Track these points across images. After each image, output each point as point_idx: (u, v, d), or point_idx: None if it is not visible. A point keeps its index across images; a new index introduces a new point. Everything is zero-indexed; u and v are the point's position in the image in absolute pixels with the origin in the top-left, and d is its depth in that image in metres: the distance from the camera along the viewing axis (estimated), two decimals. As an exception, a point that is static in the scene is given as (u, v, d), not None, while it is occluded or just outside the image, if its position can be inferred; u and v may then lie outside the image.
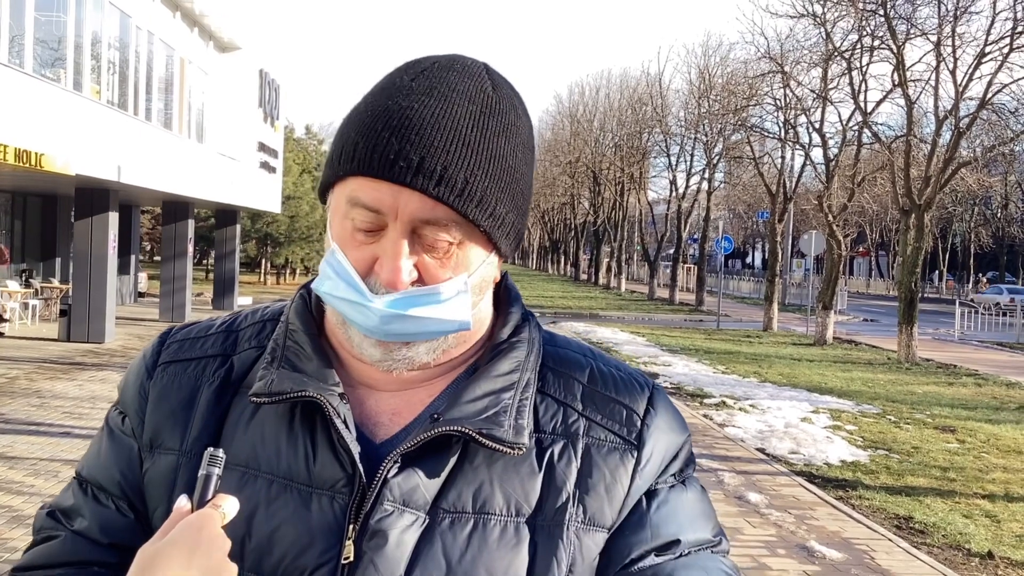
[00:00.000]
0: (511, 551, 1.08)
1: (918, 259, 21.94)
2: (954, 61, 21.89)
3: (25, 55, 15.54)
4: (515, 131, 1.11)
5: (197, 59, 24.66)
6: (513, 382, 1.14)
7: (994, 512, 8.80)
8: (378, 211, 1.06)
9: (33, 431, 10.26)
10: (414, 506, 1.07)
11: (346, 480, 1.08)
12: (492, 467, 1.11)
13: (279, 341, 1.18)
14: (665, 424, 1.19)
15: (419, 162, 1.03)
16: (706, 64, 43.57)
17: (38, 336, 19.70)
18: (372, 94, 1.12)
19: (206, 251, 49.87)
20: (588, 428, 1.15)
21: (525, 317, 1.23)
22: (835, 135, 27.95)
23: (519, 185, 1.12)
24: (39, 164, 14.50)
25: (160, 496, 1.16)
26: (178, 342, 1.25)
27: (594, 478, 1.13)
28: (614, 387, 1.20)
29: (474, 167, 1.06)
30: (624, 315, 35.65)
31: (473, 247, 1.10)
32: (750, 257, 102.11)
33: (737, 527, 7.84)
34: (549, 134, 74.27)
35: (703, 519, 1.19)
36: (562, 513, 1.11)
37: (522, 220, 1.14)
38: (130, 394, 1.23)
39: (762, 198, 44.58)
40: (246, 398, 1.16)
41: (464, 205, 1.05)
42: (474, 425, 1.08)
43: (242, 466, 1.12)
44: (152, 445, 1.18)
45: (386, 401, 1.16)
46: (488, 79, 1.12)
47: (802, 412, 13.61)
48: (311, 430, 1.11)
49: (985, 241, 67.08)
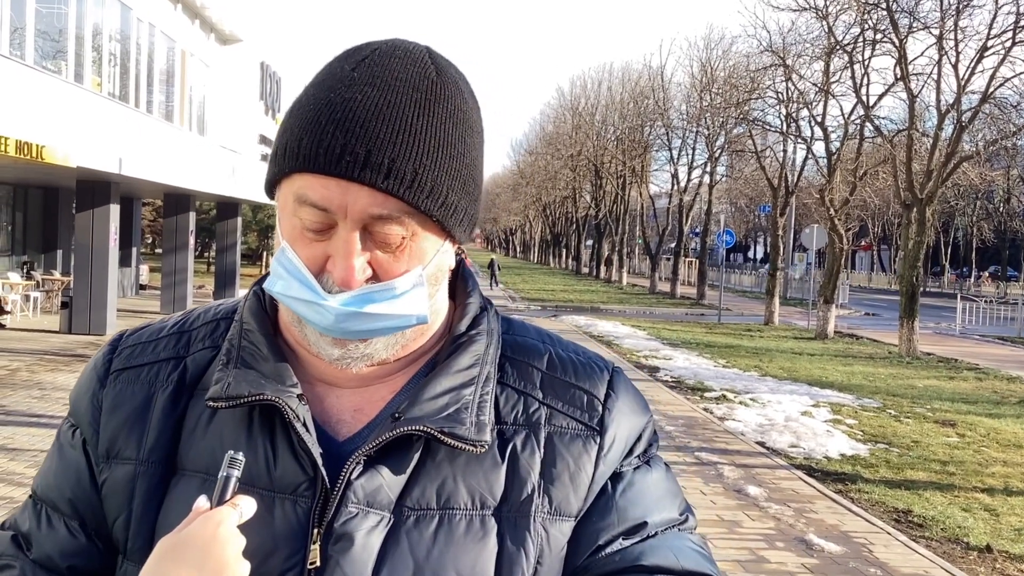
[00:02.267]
0: (478, 544, 1.07)
1: (920, 253, 21.92)
2: (956, 55, 21.86)
3: (26, 47, 15.55)
4: (462, 115, 1.09)
5: (198, 51, 24.65)
6: (473, 377, 1.13)
7: (993, 506, 8.80)
8: (326, 209, 1.04)
9: (34, 423, 10.28)
10: (378, 506, 1.06)
11: (308, 483, 1.07)
12: (455, 462, 1.09)
13: (234, 342, 1.15)
14: (627, 407, 1.18)
15: (366, 156, 1.02)
16: (708, 57, 43.51)
17: (39, 328, 19.71)
18: (313, 85, 1.09)
19: (207, 243, 49.88)
20: (550, 416, 1.14)
21: (483, 307, 1.21)
22: (837, 129, 27.94)
23: (469, 170, 1.10)
24: (40, 156, 14.50)
25: (119, 506, 1.14)
26: (129, 348, 1.21)
27: (558, 467, 1.12)
28: (573, 372, 1.19)
29: (422, 157, 1.04)
30: (625, 309, 35.64)
31: (426, 238, 1.08)
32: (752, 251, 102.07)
33: (736, 520, 7.85)
34: (551, 127, 74.24)
35: (669, 498, 1.18)
36: (528, 504, 1.10)
37: (474, 205, 1.13)
38: (82, 406, 1.20)
39: (764, 192, 44.59)
40: (202, 401, 1.13)
41: (415, 196, 1.04)
42: (436, 424, 1.07)
43: (202, 472, 1.10)
44: (108, 455, 1.16)
45: (347, 398, 1.14)
46: (431, 64, 1.09)
47: (802, 406, 13.61)
48: (271, 433, 1.09)
49: (987, 235, 67.02)
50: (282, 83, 33.07)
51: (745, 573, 6.55)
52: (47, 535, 1.17)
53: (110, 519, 1.15)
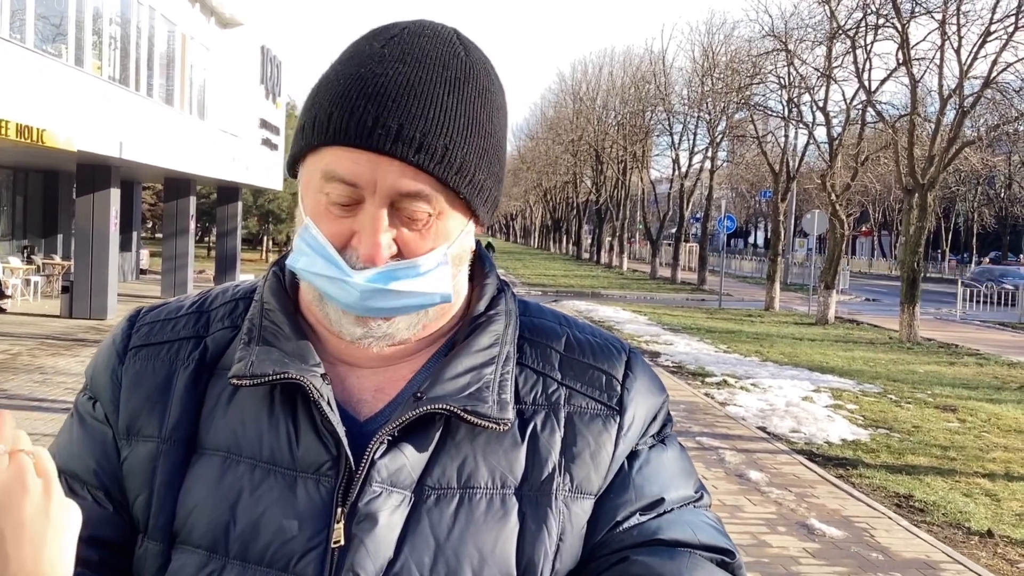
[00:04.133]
0: (499, 523, 1.07)
1: (921, 239, 21.90)
2: (959, 40, 21.78)
3: (27, 30, 15.48)
4: (490, 96, 1.09)
5: (199, 35, 24.56)
6: (493, 356, 1.13)
7: (994, 491, 8.82)
8: (355, 184, 1.03)
9: (36, 407, 10.29)
10: (400, 486, 1.06)
11: (331, 463, 1.06)
12: (475, 441, 1.10)
13: (255, 321, 1.15)
14: (644, 387, 1.20)
15: (398, 130, 1.01)
16: (710, 42, 43.43)
17: (40, 312, 19.72)
18: (341, 62, 1.09)
19: (208, 228, 49.84)
20: (569, 397, 1.15)
21: (500, 288, 1.22)
22: (839, 114, 27.86)
23: (496, 151, 1.10)
24: (41, 140, 14.46)
25: (140, 485, 1.13)
26: (148, 324, 1.21)
27: (579, 446, 1.13)
28: (591, 354, 1.19)
29: (453, 134, 1.04)
30: (626, 294, 35.64)
31: (452, 216, 1.08)
32: (752, 236, 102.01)
33: (738, 505, 7.86)
34: (552, 112, 74.13)
35: (684, 476, 1.19)
36: (549, 483, 1.10)
37: (498, 187, 1.13)
38: (101, 380, 1.19)
39: (765, 177, 44.51)
40: (223, 380, 1.13)
41: (444, 173, 1.04)
42: (458, 402, 1.07)
43: (223, 451, 1.10)
44: (129, 432, 1.15)
45: (368, 378, 1.14)
46: (460, 44, 1.10)
47: (803, 391, 13.63)
48: (293, 412, 1.09)
49: (988, 221, 66.94)
50: (283, 67, 32.95)
51: (747, 557, 6.55)
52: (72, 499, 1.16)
53: (131, 497, 1.14)
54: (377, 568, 1.04)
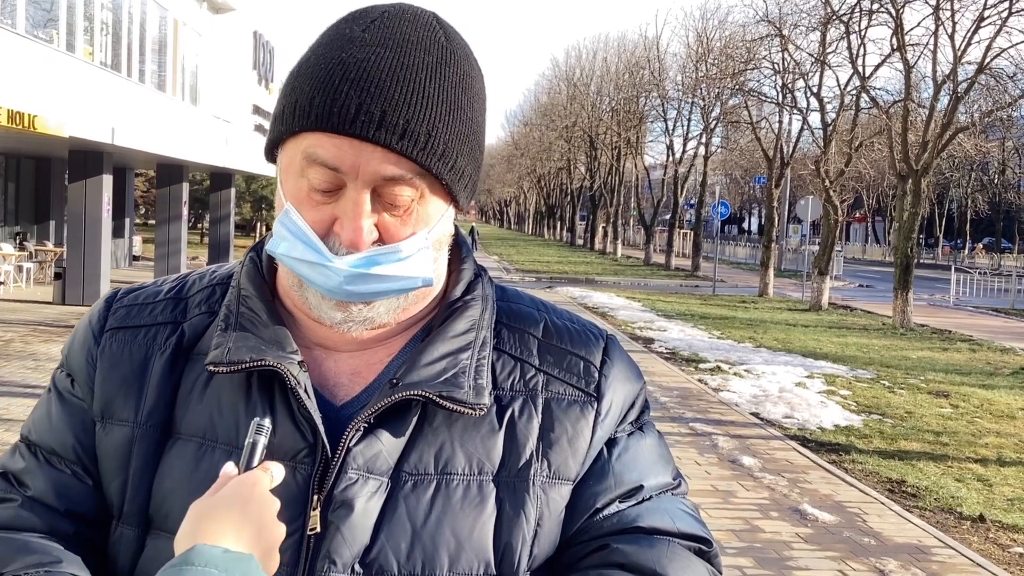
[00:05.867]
0: (476, 509, 1.08)
1: (914, 224, 21.92)
2: (953, 25, 21.76)
3: (17, 15, 15.40)
4: (470, 81, 1.09)
5: (191, 20, 24.45)
6: (470, 342, 1.13)
7: (986, 476, 8.85)
8: (337, 169, 1.03)
9: (28, 393, 10.27)
10: (377, 472, 1.06)
11: (308, 450, 1.06)
12: (452, 427, 1.10)
13: (232, 307, 1.14)
14: (622, 374, 1.20)
15: (381, 116, 1.01)
16: (704, 27, 43.29)
17: (32, 299, 19.67)
18: (321, 45, 1.08)
19: (201, 214, 49.73)
20: (547, 383, 1.15)
21: (477, 273, 1.21)
22: (833, 99, 27.83)
23: (475, 136, 1.10)
24: (32, 126, 14.40)
25: (115, 469, 1.13)
26: (125, 307, 1.20)
27: (556, 432, 1.13)
28: (569, 340, 1.20)
29: (435, 120, 1.04)
30: (620, 280, 35.64)
31: (433, 201, 1.08)
32: (746, 222, 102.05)
33: (730, 490, 7.88)
34: (545, 98, 73.88)
35: (662, 463, 1.20)
36: (527, 469, 1.11)
37: (477, 172, 1.13)
38: (77, 360, 1.19)
39: (759, 163, 44.49)
40: (199, 365, 1.13)
41: (428, 159, 1.04)
42: (434, 388, 1.07)
43: (199, 437, 1.10)
44: (104, 415, 1.15)
45: (344, 362, 1.14)
46: (440, 29, 1.10)
47: (796, 377, 13.65)
48: (270, 399, 1.09)
49: (981, 207, 67.01)
50: (275, 53, 32.84)
51: (739, 542, 6.58)
52: (46, 476, 1.15)
53: (105, 481, 1.14)
54: (354, 554, 1.04)
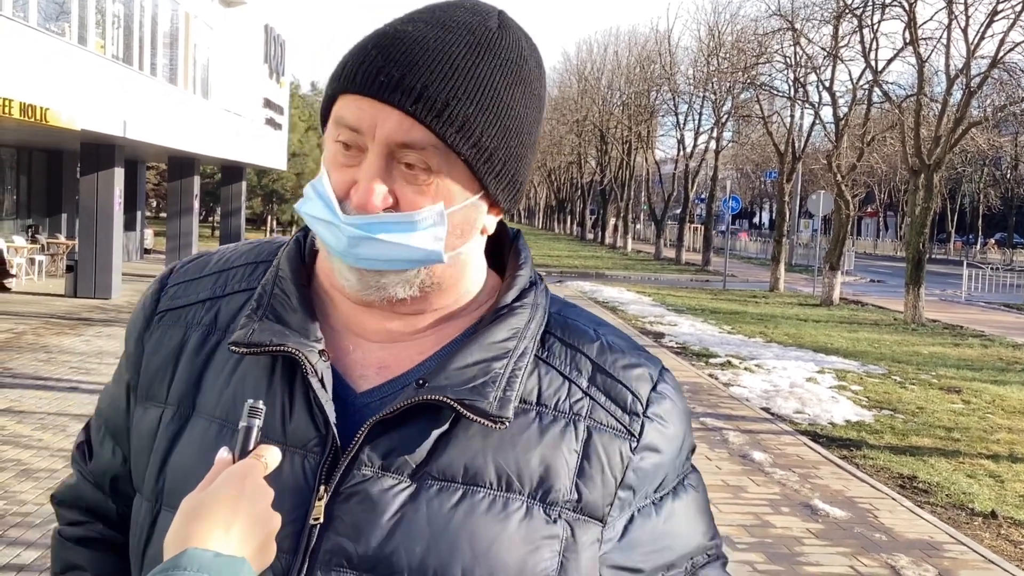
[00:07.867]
0: (498, 525, 1.05)
1: (926, 220, 21.83)
2: (966, 19, 21.66)
3: (29, 8, 15.41)
4: (516, 69, 1.07)
5: (202, 13, 24.45)
6: (508, 351, 1.09)
7: (998, 472, 8.82)
8: (357, 129, 1.04)
9: (41, 386, 10.31)
10: (396, 471, 1.05)
11: (319, 440, 1.06)
12: (487, 439, 1.07)
13: (267, 287, 1.15)
14: (669, 414, 1.16)
15: (399, 78, 1.02)
16: (716, 21, 43.23)
17: (44, 292, 19.74)
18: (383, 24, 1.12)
19: (212, 208, 49.81)
20: (591, 409, 1.11)
21: (533, 281, 1.17)
22: (845, 94, 27.76)
23: (515, 124, 1.07)
24: (44, 118, 14.43)
25: (143, 448, 1.16)
26: (175, 286, 1.23)
27: (592, 464, 1.09)
28: (622, 368, 1.15)
29: (457, 91, 1.02)
30: (630, 275, 35.61)
31: (454, 179, 1.05)
32: (757, 217, 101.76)
33: (741, 485, 7.87)
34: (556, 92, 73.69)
35: (698, 522, 1.21)
36: (558, 494, 1.07)
37: (518, 165, 1.09)
38: (131, 344, 1.24)
39: (770, 157, 44.39)
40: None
41: (443, 128, 1.02)
42: (457, 395, 1.04)
43: (220, 419, 1.10)
44: (145, 397, 1.18)
45: (374, 353, 1.13)
46: (496, 18, 1.09)
47: (807, 372, 13.62)
48: (290, 386, 1.09)
49: (994, 202, 66.73)
50: (287, 46, 32.83)
51: (750, 538, 6.57)
52: (100, 447, 1.28)
53: (134, 460, 1.19)
54: (363, 549, 1.03)
